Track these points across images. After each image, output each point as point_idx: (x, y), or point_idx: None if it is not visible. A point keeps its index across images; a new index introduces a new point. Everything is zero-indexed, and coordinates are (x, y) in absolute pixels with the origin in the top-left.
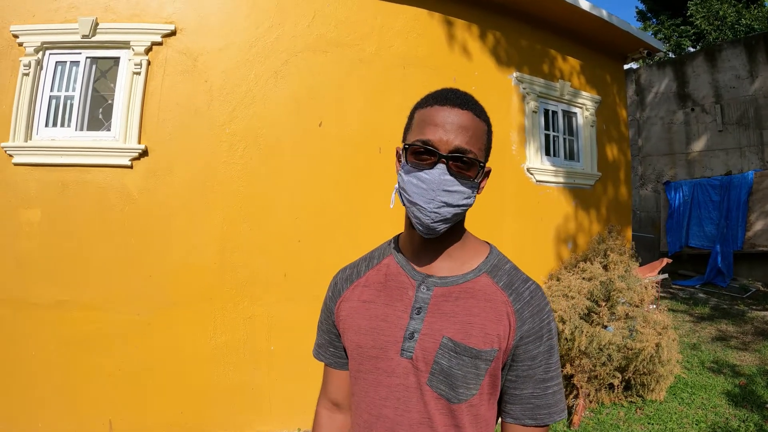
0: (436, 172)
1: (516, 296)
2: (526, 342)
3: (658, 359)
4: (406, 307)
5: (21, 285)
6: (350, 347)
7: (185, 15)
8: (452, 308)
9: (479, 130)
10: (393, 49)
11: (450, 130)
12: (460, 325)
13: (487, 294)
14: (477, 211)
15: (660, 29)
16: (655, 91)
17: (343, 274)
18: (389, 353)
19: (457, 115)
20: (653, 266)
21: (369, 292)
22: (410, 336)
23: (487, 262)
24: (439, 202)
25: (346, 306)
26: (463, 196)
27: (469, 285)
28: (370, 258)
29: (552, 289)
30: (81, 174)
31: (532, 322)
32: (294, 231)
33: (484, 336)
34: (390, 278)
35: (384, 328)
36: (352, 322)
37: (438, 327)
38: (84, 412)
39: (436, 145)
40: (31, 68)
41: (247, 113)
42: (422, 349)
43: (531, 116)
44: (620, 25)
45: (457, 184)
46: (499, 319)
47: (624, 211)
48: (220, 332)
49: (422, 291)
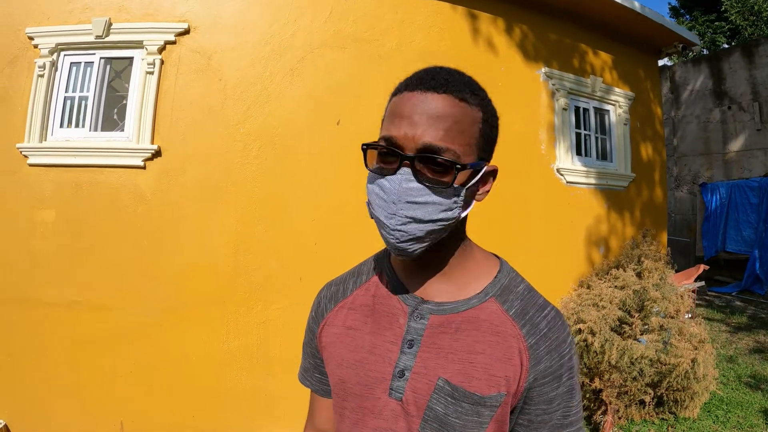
0: (397, 178)
1: (530, 328)
2: (541, 383)
3: (693, 375)
4: (396, 337)
5: (35, 285)
6: (333, 381)
7: (199, 13)
8: (451, 343)
9: (465, 118)
10: (414, 45)
11: (418, 123)
12: (460, 364)
13: (494, 325)
14: (503, 213)
15: (694, 25)
16: (691, 88)
17: (328, 292)
18: (375, 392)
19: (431, 101)
20: (689, 273)
21: (354, 317)
22: (400, 374)
23: (495, 284)
24: (403, 217)
25: (329, 332)
26: (439, 209)
27: (472, 313)
28: (359, 273)
29: (582, 297)
30: (95, 174)
31: (549, 359)
32: (310, 233)
33: (488, 378)
34: (379, 301)
35: (370, 362)
36: (334, 352)
37: (433, 365)
38: (96, 412)
39: (401, 142)
40: (46, 69)
41: (262, 112)
42: (413, 391)
43: (561, 114)
44: (653, 17)
45: (428, 194)
46: (508, 358)
47: (659, 215)
48: (233, 336)
49: (415, 320)
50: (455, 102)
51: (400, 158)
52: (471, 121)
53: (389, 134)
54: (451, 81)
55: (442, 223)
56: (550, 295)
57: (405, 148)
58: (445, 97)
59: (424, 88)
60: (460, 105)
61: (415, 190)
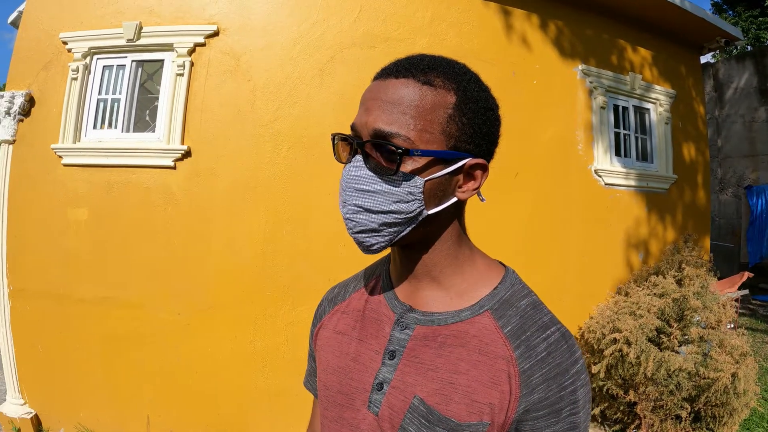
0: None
1: (525, 350)
2: (534, 417)
3: (734, 391)
4: (380, 346)
5: (67, 281)
6: (318, 387)
7: (227, 15)
8: (433, 358)
9: (424, 103)
10: (446, 42)
11: (371, 108)
12: (439, 383)
13: (483, 343)
14: (537, 216)
15: (737, 21)
16: (735, 86)
17: (330, 294)
18: (355, 402)
19: (389, 87)
20: (733, 281)
21: (346, 321)
22: (379, 386)
23: (494, 295)
24: (352, 205)
25: (322, 335)
26: (390, 200)
27: (461, 327)
28: (361, 277)
29: (619, 305)
30: (126, 174)
31: (545, 389)
32: (339, 235)
33: (469, 404)
34: (369, 306)
35: (353, 371)
36: (323, 356)
37: (411, 381)
38: (123, 406)
39: (358, 130)
40: (79, 73)
41: (291, 112)
42: (389, 407)
43: (599, 112)
44: (694, 11)
45: (377, 182)
46: (494, 383)
47: (702, 218)
48: (260, 336)
49: (399, 329)
50: (416, 85)
51: (351, 145)
52: (435, 106)
53: (352, 123)
54: (416, 65)
55: (396, 216)
56: (585, 302)
57: (362, 136)
58: (404, 81)
59: (386, 75)
60: (421, 89)
61: (363, 177)
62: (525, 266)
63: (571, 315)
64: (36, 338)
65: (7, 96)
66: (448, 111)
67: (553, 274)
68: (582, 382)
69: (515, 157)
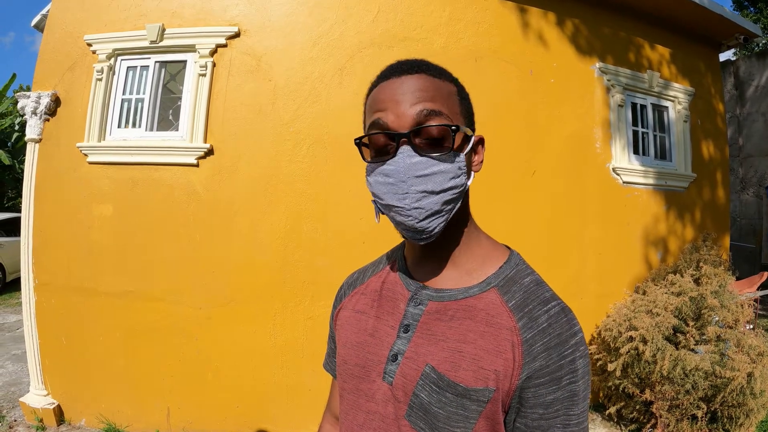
0: (400, 158)
1: (528, 321)
2: (536, 384)
3: (750, 391)
4: (395, 322)
5: (92, 274)
6: (337, 361)
7: (248, 16)
8: (444, 330)
9: (442, 90)
10: (463, 41)
11: (402, 101)
12: (449, 352)
13: (489, 315)
14: (555, 214)
15: (759, 18)
16: (756, 84)
17: (350, 279)
18: (371, 374)
19: (409, 81)
20: (752, 281)
21: (364, 301)
22: (393, 358)
23: (499, 274)
24: (416, 193)
25: (342, 315)
26: (448, 177)
27: (470, 302)
28: (379, 262)
29: (636, 303)
30: (150, 172)
31: (546, 357)
32: (358, 232)
33: (476, 370)
34: (386, 287)
35: (370, 345)
36: (342, 334)
37: (423, 351)
38: (144, 398)
39: (391, 125)
40: (104, 74)
41: (311, 111)
42: (403, 376)
43: (617, 110)
44: (712, 8)
45: (435, 163)
46: (499, 351)
47: (721, 217)
48: (279, 331)
49: (414, 305)
50: (430, 78)
51: (397, 138)
52: (447, 93)
53: (378, 120)
54: (419, 63)
55: (454, 191)
56: (603, 301)
57: (397, 129)
58: (419, 75)
59: (398, 74)
60: (435, 80)
61: (420, 164)
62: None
63: (589, 314)
64: (60, 330)
65: (34, 96)
66: (455, 97)
67: (571, 273)
68: (581, 354)
69: (533, 155)
